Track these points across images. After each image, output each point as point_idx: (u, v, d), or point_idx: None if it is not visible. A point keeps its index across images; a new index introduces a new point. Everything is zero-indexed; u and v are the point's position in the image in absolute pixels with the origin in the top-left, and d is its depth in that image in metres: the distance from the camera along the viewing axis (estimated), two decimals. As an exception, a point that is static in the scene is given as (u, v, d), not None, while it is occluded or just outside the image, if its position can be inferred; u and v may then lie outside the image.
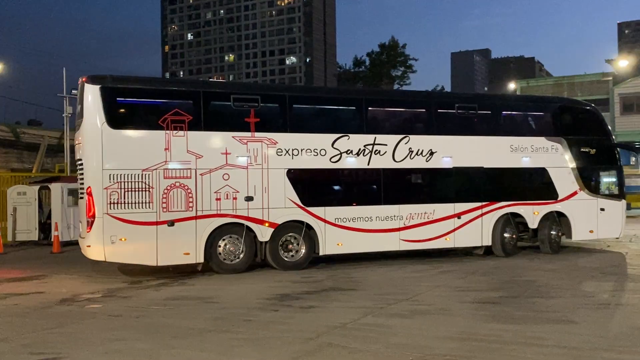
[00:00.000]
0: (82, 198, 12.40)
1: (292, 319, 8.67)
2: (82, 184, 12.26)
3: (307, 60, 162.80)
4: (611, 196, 16.65)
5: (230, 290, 11.11)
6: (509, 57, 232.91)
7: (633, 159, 19.92)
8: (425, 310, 9.17)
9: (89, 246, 11.96)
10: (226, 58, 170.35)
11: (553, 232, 16.05)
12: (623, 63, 40.72)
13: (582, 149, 16.44)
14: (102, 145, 11.84)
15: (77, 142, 12.78)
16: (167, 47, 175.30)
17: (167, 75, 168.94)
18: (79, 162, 12.47)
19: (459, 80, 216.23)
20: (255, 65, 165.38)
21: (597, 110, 17.36)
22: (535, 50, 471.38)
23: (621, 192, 16.89)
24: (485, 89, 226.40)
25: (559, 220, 16.08)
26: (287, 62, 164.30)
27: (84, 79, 12.27)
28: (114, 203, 11.84)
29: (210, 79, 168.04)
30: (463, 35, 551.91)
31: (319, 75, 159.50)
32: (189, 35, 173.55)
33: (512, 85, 48.01)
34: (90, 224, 11.85)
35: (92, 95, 12.02)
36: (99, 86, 12.04)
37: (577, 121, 16.85)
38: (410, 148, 14.36)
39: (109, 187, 11.83)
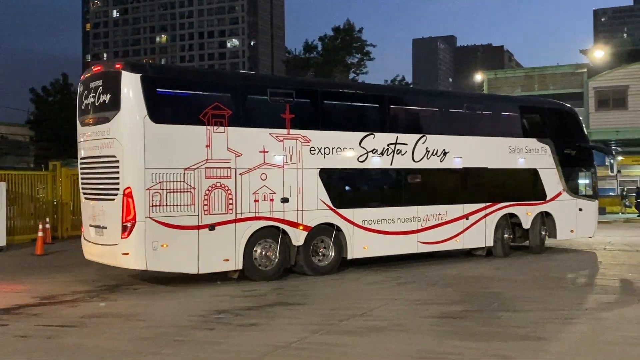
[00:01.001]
0: (109, 200, 12.40)
1: (230, 338, 8.62)
2: (114, 183, 12.27)
3: (252, 43, 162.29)
4: (587, 196, 19.47)
5: (158, 306, 10.96)
6: (475, 45, 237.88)
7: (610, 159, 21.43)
8: (380, 326, 9.25)
9: (127, 254, 12.08)
10: (157, 39, 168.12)
11: (543, 232, 18.45)
12: (599, 54, 42.04)
13: (565, 151, 18.95)
14: (145, 142, 12.03)
15: (99, 137, 12.68)
16: (88, 26, 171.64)
17: (89, 57, 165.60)
18: (109, 160, 12.37)
19: (421, 69, 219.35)
20: (192, 47, 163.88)
21: (576, 112, 20.17)
22: (505, 39, 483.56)
23: (595, 193, 19.87)
24: (450, 80, 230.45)
25: (545, 220, 18.47)
26: (229, 44, 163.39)
27: (117, 66, 12.43)
28: (155, 205, 12.07)
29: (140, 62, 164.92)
30: (426, 20, 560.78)
31: (265, 61, 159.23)
32: (115, 12, 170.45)
33: (478, 77, 49.02)
34: (128, 229, 12.01)
35: (132, 85, 12.18)
36: (139, 75, 12.24)
37: (561, 123, 19.45)
38: (427, 148, 15.85)
39: (151, 188, 12.03)
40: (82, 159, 13.43)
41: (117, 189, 12.16)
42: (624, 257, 17.51)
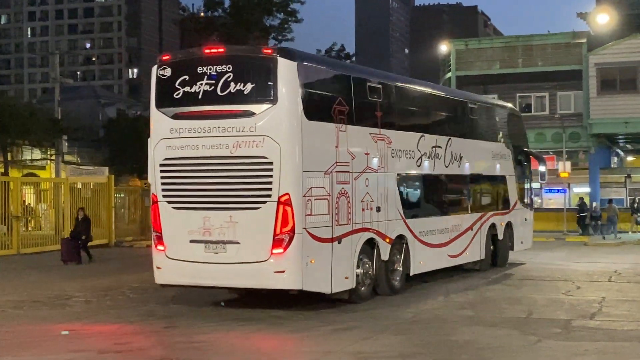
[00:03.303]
0: (250, 209, 14.11)
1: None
2: (261, 189, 14.02)
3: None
4: (528, 205, 24.72)
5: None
6: (440, 5, 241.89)
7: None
8: (307, 390, 9.24)
9: (282, 272, 13.82)
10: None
11: (509, 244, 22.78)
12: (602, 18, 42.76)
13: (518, 157, 23.86)
14: (302, 141, 13.98)
15: (231, 133, 14.15)
16: None
17: None
18: (254, 161, 14.06)
19: (367, 36, 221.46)
20: (44, 0, 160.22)
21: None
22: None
23: (532, 201, 25.62)
24: (406, 51, 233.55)
25: (508, 231, 22.69)
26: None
27: (269, 51, 14.61)
28: (307, 215, 14.06)
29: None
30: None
31: (150, 21, 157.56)
32: None
33: (443, 48, 49.78)
34: (285, 243, 13.81)
35: (290, 75, 14.08)
36: (296, 63, 14.25)
37: (514, 126, 24.65)
38: (452, 152, 19.36)
39: (306, 195, 14.00)
40: (173, 159, 14.67)
41: (267, 196, 13.92)
42: (634, 291, 18.05)
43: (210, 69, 14.34)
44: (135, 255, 28.50)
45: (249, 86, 14.15)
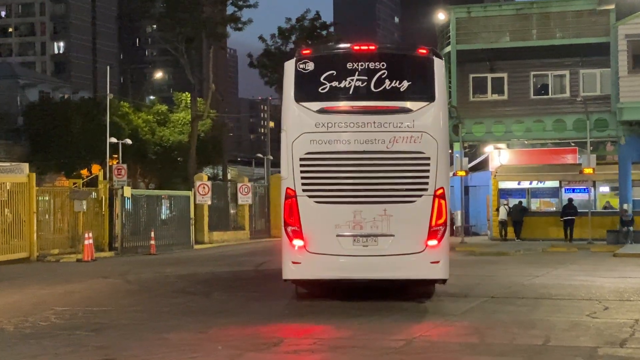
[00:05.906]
0: (405, 202, 17.81)
1: None
2: (418, 183, 17.85)
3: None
4: None
5: None
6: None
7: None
8: None
9: (437, 262, 17.89)
10: None
11: None
12: (634, -20, 43.09)
13: None
14: (450, 137, 17.55)
15: (387, 129, 17.74)
16: None
17: None
18: (412, 156, 17.81)
19: (348, 2, 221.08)
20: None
21: None
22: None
23: None
24: (396, 19, 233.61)
25: None
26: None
27: (424, 51, 18.28)
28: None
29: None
30: None
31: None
32: None
33: (441, 16, 49.78)
34: (440, 234, 17.84)
35: (442, 74, 18.26)
36: (442, 61, 18.45)
37: None
38: None
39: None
40: (318, 153, 17.87)
41: (423, 190, 17.75)
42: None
43: (361, 65, 17.83)
44: (63, 271, 28.30)
45: (405, 84, 17.90)
